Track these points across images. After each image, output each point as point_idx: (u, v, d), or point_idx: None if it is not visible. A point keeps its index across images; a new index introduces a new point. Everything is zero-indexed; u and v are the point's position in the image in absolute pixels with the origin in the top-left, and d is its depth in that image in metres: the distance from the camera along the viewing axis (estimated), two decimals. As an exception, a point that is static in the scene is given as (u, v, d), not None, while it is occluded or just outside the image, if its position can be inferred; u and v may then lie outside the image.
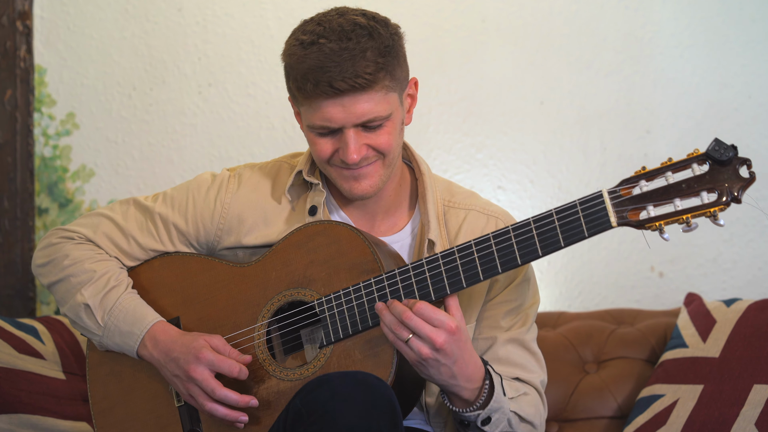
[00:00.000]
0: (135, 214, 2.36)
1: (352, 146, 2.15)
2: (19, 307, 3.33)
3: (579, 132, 3.32)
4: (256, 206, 2.32)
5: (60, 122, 3.38)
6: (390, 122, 2.18)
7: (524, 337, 2.30)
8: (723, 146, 1.98)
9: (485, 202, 2.36)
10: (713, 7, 3.29)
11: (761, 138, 3.27)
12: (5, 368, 2.71)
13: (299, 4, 3.34)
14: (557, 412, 2.93)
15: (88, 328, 2.30)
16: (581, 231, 2.05)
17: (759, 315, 2.81)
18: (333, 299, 2.17)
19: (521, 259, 2.09)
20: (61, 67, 3.37)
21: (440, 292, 2.12)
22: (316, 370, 2.16)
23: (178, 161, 3.35)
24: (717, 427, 2.65)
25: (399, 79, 2.18)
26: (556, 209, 2.07)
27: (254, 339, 2.23)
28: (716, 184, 1.98)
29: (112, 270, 2.32)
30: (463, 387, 2.12)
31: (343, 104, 2.12)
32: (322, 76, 2.10)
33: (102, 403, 2.34)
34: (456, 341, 2.07)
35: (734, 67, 3.29)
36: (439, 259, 2.12)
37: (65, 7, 3.37)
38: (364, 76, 2.10)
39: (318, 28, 2.14)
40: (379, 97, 2.14)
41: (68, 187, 3.38)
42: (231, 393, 2.16)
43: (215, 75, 3.36)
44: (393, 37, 2.16)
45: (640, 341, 3.00)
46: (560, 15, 3.32)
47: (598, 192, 2.04)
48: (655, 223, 2.01)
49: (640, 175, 2.03)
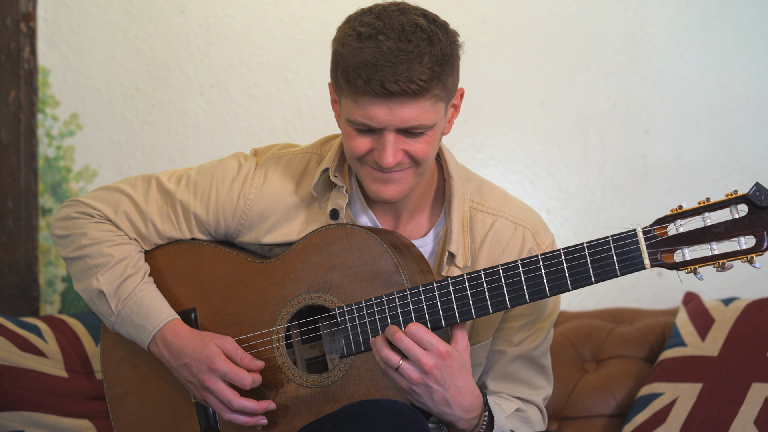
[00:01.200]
0: (156, 197, 2.28)
1: (389, 150, 2.07)
2: (22, 306, 3.32)
3: (578, 132, 3.32)
4: (280, 204, 2.25)
5: (63, 123, 3.38)
6: (432, 131, 2.09)
7: (534, 353, 2.25)
8: (764, 191, 1.93)
9: (516, 207, 2.28)
10: (711, 8, 3.29)
11: (759, 138, 3.28)
12: (8, 366, 2.71)
13: (300, 5, 3.35)
14: (557, 410, 2.93)
15: (101, 312, 2.26)
16: (613, 269, 2.00)
17: (757, 314, 2.81)
18: (355, 309, 2.12)
19: (550, 291, 2.03)
20: (64, 68, 3.37)
21: (466, 315, 2.07)
22: (337, 379, 2.14)
23: (180, 162, 3.35)
24: (716, 425, 2.65)
25: (450, 89, 2.10)
26: (588, 243, 2.02)
27: (273, 342, 2.20)
28: (754, 229, 1.93)
29: (130, 255, 2.26)
30: (460, 417, 2.07)
31: (390, 107, 2.03)
32: (374, 74, 2.00)
33: (117, 388, 2.32)
34: (447, 366, 2.02)
35: (732, 69, 3.29)
36: (465, 281, 2.07)
37: (69, 8, 3.36)
38: (418, 82, 2.01)
39: (377, 23, 2.04)
40: (428, 105, 2.05)
41: (72, 187, 3.37)
42: (248, 402, 2.14)
43: (217, 76, 3.36)
44: (452, 45, 2.08)
45: (639, 340, 2.99)
46: (559, 16, 3.31)
47: (633, 231, 1.99)
48: (690, 266, 1.97)
49: (676, 214, 1.98)
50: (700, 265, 1.96)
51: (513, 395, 2.25)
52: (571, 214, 3.32)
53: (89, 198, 2.30)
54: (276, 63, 3.34)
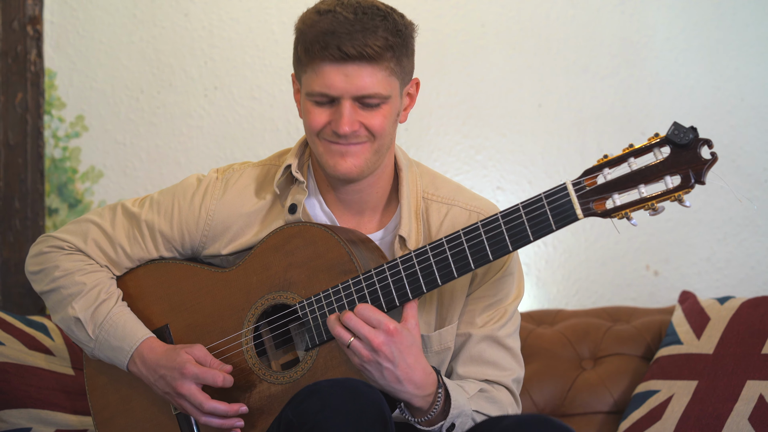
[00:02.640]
0: (122, 222, 2.31)
1: (346, 117, 2.11)
2: (29, 304, 3.31)
3: (576, 134, 3.32)
4: (240, 213, 2.28)
5: (69, 124, 3.37)
6: (387, 105, 2.13)
7: (498, 333, 2.24)
8: (682, 129, 1.93)
9: (469, 196, 2.30)
10: (707, 12, 3.29)
11: (754, 140, 3.28)
12: (15, 364, 2.72)
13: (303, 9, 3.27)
14: (554, 407, 2.93)
15: (79, 340, 2.29)
16: (549, 224, 2.02)
17: (752, 312, 2.82)
18: (314, 302, 2.14)
19: (492, 255, 2.06)
20: (70, 70, 3.36)
21: (417, 291, 2.10)
22: (305, 372, 2.15)
23: (185, 162, 3.35)
24: (711, 422, 2.66)
25: (405, 68, 2.15)
26: (523, 203, 2.04)
27: (242, 345, 2.21)
28: (679, 168, 1.93)
29: (102, 282, 2.28)
30: (413, 394, 2.08)
31: (347, 73, 2.08)
32: (331, 40, 2.06)
33: (103, 413, 2.34)
34: (395, 343, 2.04)
35: (728, 71, 3.29)
36: (413, 258, 2.09)
37: (75, 12, 3.35)
38: (372, 47, 2.06)
39: (336, 1, 2.12)
40: (383, 75, 2.10)
41: (78, 187, 3.37)
42: (219, 404, 2.15)
43: (221, 78, 3.36)
44: (407, 27, 2.15)
45: (636, 338, 3.00)
46: (557, 20, 3.31)
47: (563, 184, 2.01)
48: (621, 211, 1.97)
49: (603, 163, 1.99)
50: (631, 210, 1.96)
51: (480, 378, 2.23)
52: (569, 214, 3.35)
53: (59, 232, 2.33)
54: (279, 65, 3.35)
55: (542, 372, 2.96)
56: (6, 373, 2.70)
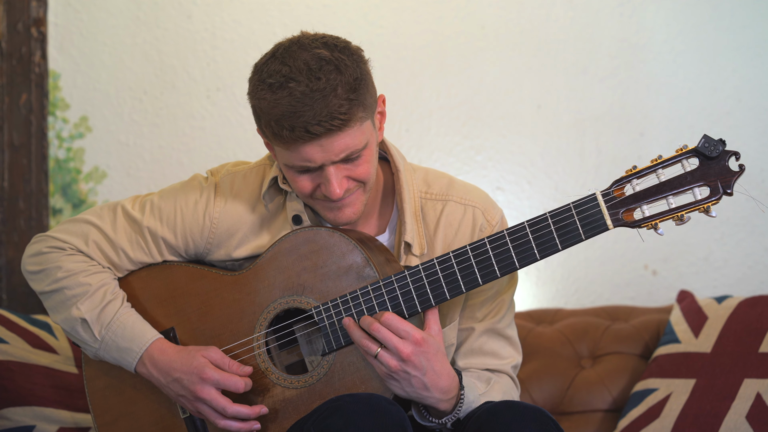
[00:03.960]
0: (124, 225, 2.27)
1: (334, 182, 2.08)
2: (33, 304, 3.30)
3: (575, 135, 3.32)
4: (245, 219, 2.25)
5: (73, 125, 3.37)
6: (367, 150, 2.10)
7: (498, 326, 2.26)
8: (712, 142, 1.95)
9: (462, 189, 2.28)
10: (705, 14, 3.29)
11: (751, 140, 3.28)
12: (20, 362, 2.73)
13: (304, 11, 3.35)
14: (554, 405, 2.94)
15: (83, 341, 2.24)
16: (578, 234, 2.01)
17: (749, 311, 2.82)
18: (331, 306, 2.13)
19: (519, 264, 2.05)
20: (74, 72, 3.37)
21: (440, 297, 2.09)
22: (321, 377, 2.14)
23: (187, 163, 3.35)
24: (709, 419, 2.66)
25: (370, 106, 2.09)
26: (551, 212, 2.03)
27: (254, 349, 2.19)
28: (707, 180, 1.95)
29: (107, 283, 2.25)
30: (439, 399, 2.09)
31: (321, 144, 2.04)
32: (296, 122, 2.01)
33: (105, 416, 2.30)
34: (423, 353, 2.04)
35: (725, 72, 3.29)
36: (435, 264, 2.08)
37: (78, 14, 3.36)
38: (339, 117, 2.01)
39: (284, 68, 2.03)
40: (355, 130, 2.05)
41: (81, 188, 3.37)
42: (242, 407, 2.14)
43: (223, 80, 3.37)
44: (359, 66, 2.07)
45: (634, 337, 3.00)
46: (556, 22, 3.32)
47: (592, 195, 2.01)
48: (650, 222, 1.98)
49: (632, 174, 2.00)
50: (660, 220, 1.97)
51: (481, 368, 2.26)
52: (567, 214, 3.35)
53: (57, 232, 2.28)
54: None
55: (542, 370, 2.96)
56: (10, 371, 2.71)
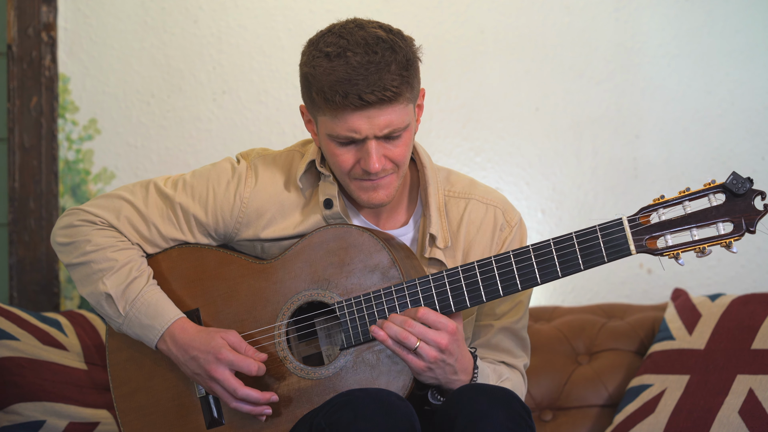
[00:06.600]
0: (156, 201, 2.29)
1: (374, 156, 2.12)
2: (44, 301, 3.33)
3: (572, 137, 3.34)
4: (274, 200, 2.27)
5: (83, 128, 3.38)
6: (407, 132, 2.16)
7: (516, 326, 2.32)
8: (740, 180, 1.96)
9: (484, 189, 2.33)
10: (699, 19, 3.30)
11: (744, 142, 3.30)
12: (30, 359, 2.74)
13: (308, 16, 3.35)
14: (551, 400, 2.96)
15: (108, 315, 2.26)
16: (601, 256, 2.03)
17: (742, 309, 2.83)
18: (353, 303, 2.16)
19: (541, 279, 2.07)
20: (83, 75, 3.38)
21: (461, 304, 2.12)
22: (337, 370, 2.17)
23: (194, 164, 3.34)
24: (702, 414, 2.67)
25: (416, 90, 2.16)
26: (576, 233, 2.05)
27: (275, 337, 2.22)
28: (732, 216, 1.97)
29: (133, 259, 2.26)
30: (463, 381, 2.14)
31: (369, 116, 2.09)
32: (351, 89, 2.06)
33: (123, 387, 2.32)
34: (456, 341, 2.09)
35: (718, 76, 3.30)
36: (459, 272, 2.11)
37: (88, 19, 3.37)
38: (391, 89, 2.07)
39: (341, 41, 2.10)
40: (401, 108, 2.12)
41: (90, 188, 3.38)
42: (252, 391, 2.16)
43: (229, 83, 3.37)
44: (411, 49, 2.14)
45: (630, 334, 3.02)
46: (554, 27, 3.33)
47: (618, 219, 2.02)
48: (672, 251, 2.01)
49: (659, 203, 2.02)
50: (682, 250, 2.00)
51: (497, 360, 2.32)
52: (565, 214, 3.34)
53: (90, 206, 2.30)
54: (285, 71, 3.37)
55: (539, 366, 2.97)
56: (21, 367, 2.72)
